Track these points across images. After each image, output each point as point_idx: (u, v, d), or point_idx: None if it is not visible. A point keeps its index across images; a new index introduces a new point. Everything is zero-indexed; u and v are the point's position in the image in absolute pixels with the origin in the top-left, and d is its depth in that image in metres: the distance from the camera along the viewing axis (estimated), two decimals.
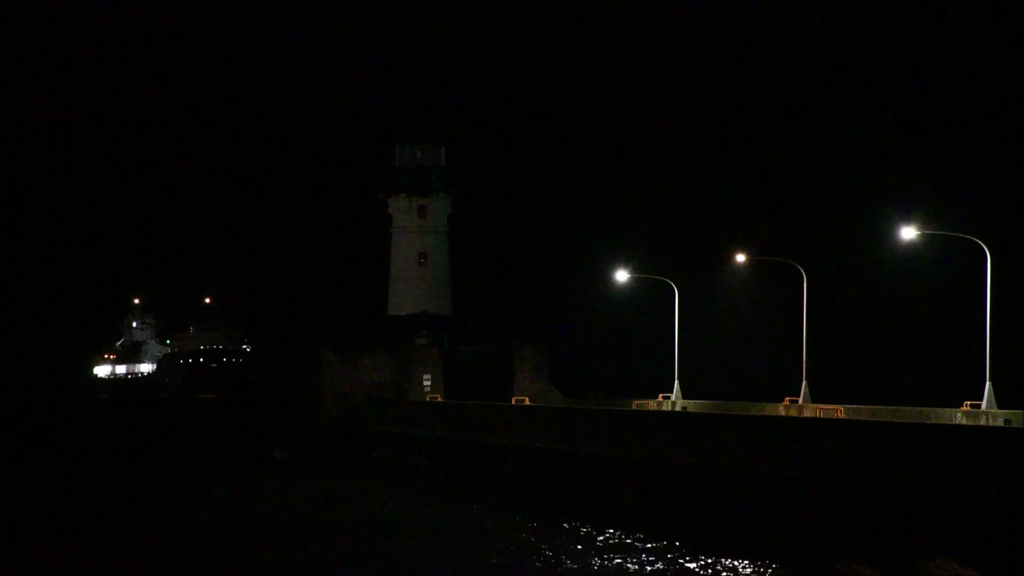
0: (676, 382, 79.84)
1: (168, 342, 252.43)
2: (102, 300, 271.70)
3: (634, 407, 78.58)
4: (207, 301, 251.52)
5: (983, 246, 59.75)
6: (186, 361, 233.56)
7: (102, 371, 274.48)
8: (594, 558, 49.12)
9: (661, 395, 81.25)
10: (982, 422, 56.61)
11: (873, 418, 60.33)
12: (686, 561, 47.99)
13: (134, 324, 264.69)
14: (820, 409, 65.84)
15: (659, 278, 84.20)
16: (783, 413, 68.72)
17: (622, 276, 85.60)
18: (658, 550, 50.39)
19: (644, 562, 48.04)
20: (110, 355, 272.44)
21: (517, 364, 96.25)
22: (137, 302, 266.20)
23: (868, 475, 44.52)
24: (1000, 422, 56.01)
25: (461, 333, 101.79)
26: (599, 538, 54.02)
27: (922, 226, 62.68)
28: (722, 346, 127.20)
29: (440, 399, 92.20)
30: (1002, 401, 58.96)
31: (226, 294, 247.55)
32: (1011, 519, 39.14)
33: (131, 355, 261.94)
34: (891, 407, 64.39)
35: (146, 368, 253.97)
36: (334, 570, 48.43)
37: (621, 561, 48.36)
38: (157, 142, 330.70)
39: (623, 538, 53.79)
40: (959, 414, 59.23)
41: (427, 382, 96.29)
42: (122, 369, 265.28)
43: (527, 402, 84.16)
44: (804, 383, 70.53)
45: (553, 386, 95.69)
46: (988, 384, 58.36)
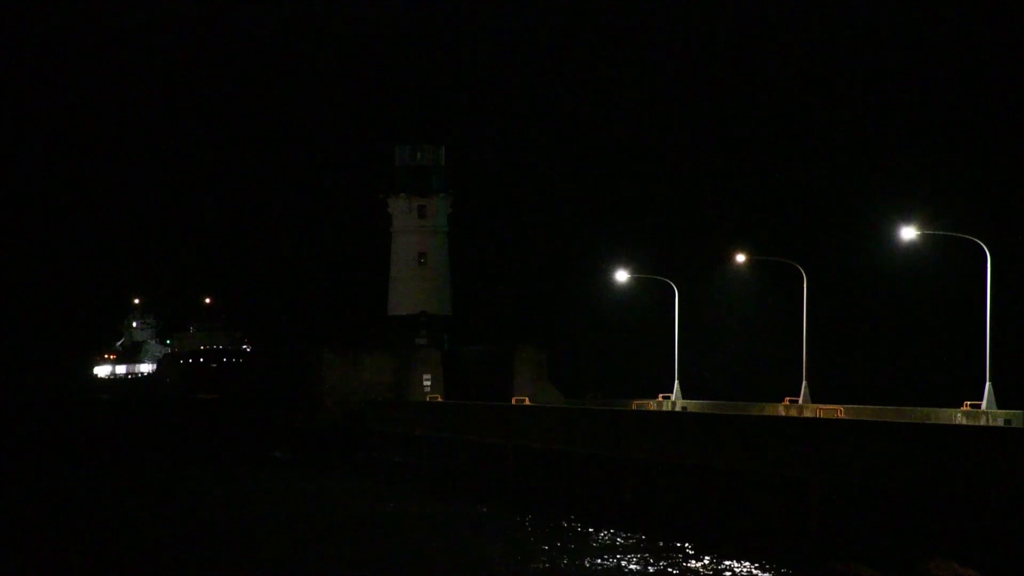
0: (676, 382, 79.83)
1: (168, 342, 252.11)
2: (102, 300, 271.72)
3: (634, 407, 78.57)
4: (207, 301, 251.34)
5: (983, 246, 59.74)
6: (186, 361, 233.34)
7: (102, 371, 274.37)
8: (594, 558, 49.11)
9: (661, 395, 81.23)
10: (982, 422, 56.60)
11: (873, 418, 60.33)
12: (686, 561, 47.99)
13: (134, 324, 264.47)
14: (820, 409, 65.83)
15: (659, 278, 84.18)
16: (783, 413, 68.70)
17: (622, 276, 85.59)
18: (658, 550, 50.38)
19: (644, 562, 48.04)
20: (110, 355, 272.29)
21: (517, 364, 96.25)
22: (137, 302, 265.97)
23: (868, 475, 44.53)
24: (1000, 422, 56.02)
25: (461, 333, 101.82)
26: (599, 538, 54.01)
27: (922, 226, 62.65)
28: (722, 346, 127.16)
29: (440, 399, 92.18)
30: (1002, 401, 58.95)
31: (226, 294, 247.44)
32: (1011, 519, 39.15)
33: (131, 355, 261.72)
34: (891, 407, 64.38)
35: (146, 368, 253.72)
36: (334, 570, 48.42)
37: (621, 561, 48.36)
38: (157, 142, 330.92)
39: (623, 538, 53.78)
40: (959, 414, 59.22)
41: (427, 382, 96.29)
42: (122, 369, 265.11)
43: (527, 402, 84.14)
44: (804, 383, 70.51)
45: (553, 386, 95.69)
46: (988, 384, 58.35)
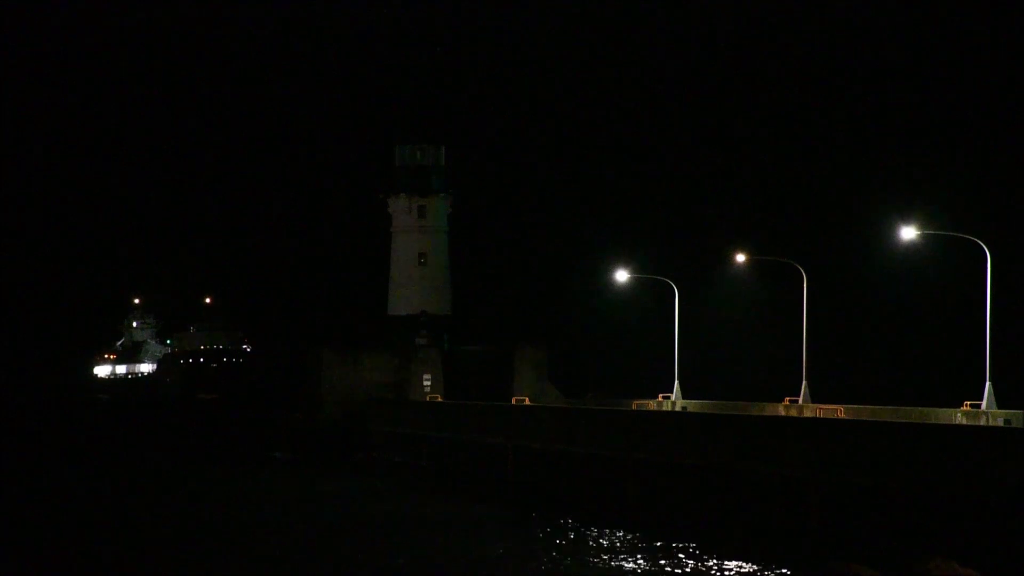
0: (676, 382, 79.83)
1: (168, 342, 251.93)
2: (102, 300, 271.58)
3: (634, 407, 78.58)
4: (207, 301, 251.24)
5: (983, 246, 59.74)
6: (186, 361, 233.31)
7: (102, 371, 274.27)
8: (594, 558, 49.11)
9: (661, 395, 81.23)
10: (982, 422, 56.60)
11: (873, 418, 60.33)
12: (686, 561, 47.99)
13: (134, 324, 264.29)
14: (820, 409, 65.84)
15: (659, 278, 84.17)
16: (783, 413, 68.70)
17: (622, 276, 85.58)
18: (658, 550, 50.39)
19: (644, 562, 48.04)
20: (110, 355, 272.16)
21: (517, 364, 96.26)
22: (137, 302, 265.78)
23: (868, 475, 44.53)
24: (1000, 422, 56.02)
25: (461, 333, 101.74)
26: (599, 538, 54.01)
27: (922, 226, 62.63)
28: (722, 346, 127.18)
29: (440, 399, 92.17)
30: (1002, 401, 58.94)
31: (226, 294, 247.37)
32: (1011, 519, 39.14)
33: (131, 355, 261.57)
34: (891, 407, 64.36)
35: (146, 368, 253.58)
36: (334, 570, 48.43)
37: (621, 561, 48.36)
38: (157, 142, 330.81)
39: (623, 538, 53.78)
40: (959, 414, 59.21)
41: (427, 382, 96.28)
42: (122, 369, 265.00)
43: (527, 402, 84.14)
44: (804, 383, 70.51)
45: (553, 386, 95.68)
46: (988, 384, 58.34)
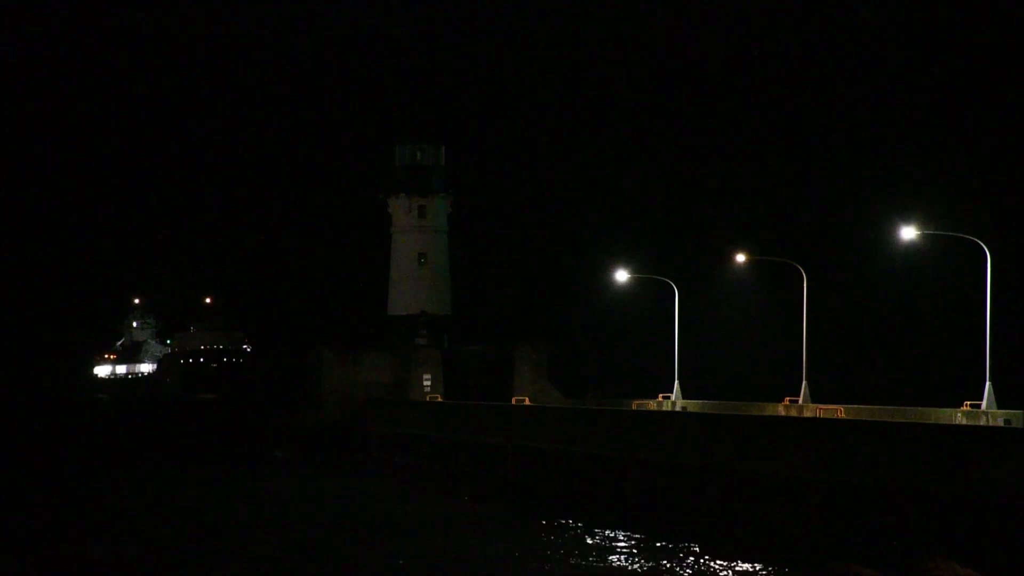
0: (676, 382, 79.80)
1: (168, 342, 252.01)
2: (102, 300, 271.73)
3: (634, 407, 78.56)
4: (207, 301, 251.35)
5: (983, 246, 59.72)
6: (186, 361, 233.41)
7: (102, 371, 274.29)
8: (594, 558, 49.11)
9: (661, 395, 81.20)
10: (982, 422, 56.58)
11: (873, 418, 60.31)
12: (686, 561, 47.99)
13: (134, 324, 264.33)
14: (820, 409, 65.81)
15: (659, 278, 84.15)
16: (783, 413, 68.69)
17: (622, 276, 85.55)
18: (658, 550, 50.38)
19: (644, 562, 48.04)
20: (110, 355, 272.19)
21: (517, 364, 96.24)
22: (137, 302, 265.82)
23: (868, 475, 44.52)
24: (1000, 422, 56.00)
25: (461, 333, 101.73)
26: (599, 538, 54.01)
27: (922, 226, 62.60)
28: (722, 346, 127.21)
29: (440, 399, 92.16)
30: (1002, 401, 58.92)
31: (226, 294, 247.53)
32: (1011, 519, 39.13)
33: (131, 355, 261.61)
34: (891, 407, 64.34)
35: (146, 368, 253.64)
36: (334, 570, 48.44)
37: (621, 561, 48.36)
38: (157, 142, 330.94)
39: (623, 538, 53.79)
40: (959, 414, 59.19)
41: (427, 382, 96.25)
42: (122, 369, 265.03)
43: (527, 402, 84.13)
44: (804, 383, 70.49)
45: (553, 386, 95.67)
46: (988, 384, 58.31)
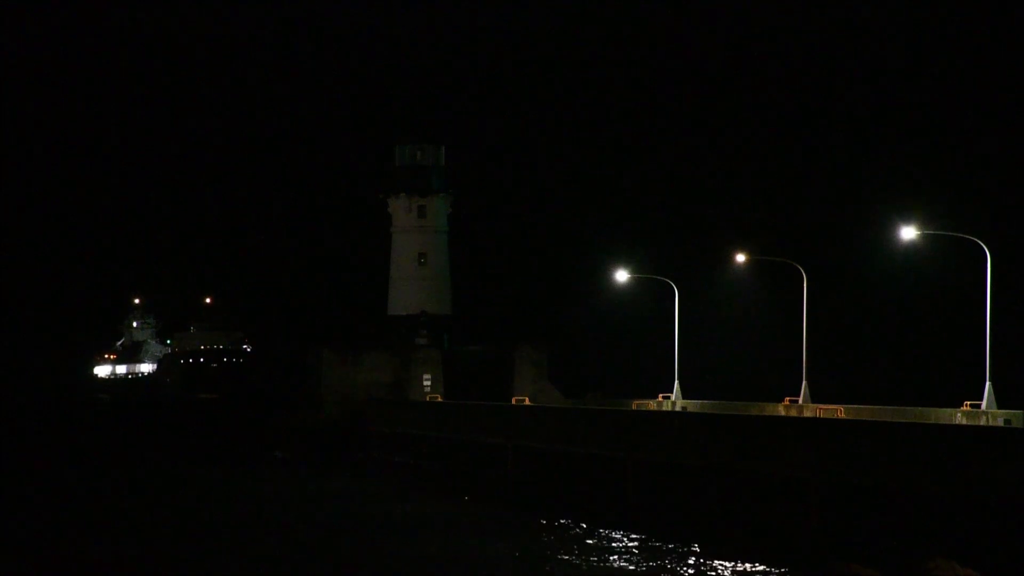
0: (676, 382, 79.79)
1: (168, 342, 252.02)
2: (102, 300, 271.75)
3: (634, 407, 78.55)
4: (207, 301, 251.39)
5: (983, 246, 59.71)
6: (186, 361, 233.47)
7: (102, 371, 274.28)
8: (594, 558, 49.11)
9: (661, 395, 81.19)
10: (982, 422, 56.58)
11: (873, 418, 60.30)
12: (686, 561, 47.99)
13: (134, 324, 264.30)
14: (820, 409, 65.79)
15: (659, 278, 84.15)
16: (783, 413, 68.68)
17: (622, 276, 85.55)
18: (658, 550, 50.39)
19: (644, 562, 48.04)
20: (110, 355, 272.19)
21: (517, 364, 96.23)
22: (137, 302, 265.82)
23: (868, 475, 44.52)
24: (1000, 422, 55.98)
25: (461, 333, 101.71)
26: (599, 538, 54.01)
27: (922, 226, 62.59)
28: (722, 346, 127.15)
29: (440, 399, 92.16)
30: (1002, 401, 58.91)
31: (226, 294, 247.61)
32: (1011, 519, 39.13)
33: (131, 355, 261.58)
34: (891, 407, 64.33)
35: (146, 368, 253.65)
36: (334, 570, 48.44)
37: (621, 561, 48.35)
38: (157, 142, 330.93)
39: (623, 538, 53.79)
40: (959, 414, 59.18)
41: (427, 382, 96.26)
42: (122, 369, 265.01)
43: (527, 402, 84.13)
44: (804, 383, 70.48)
45: (553, 386, 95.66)
46: (988, 384, 58.31)
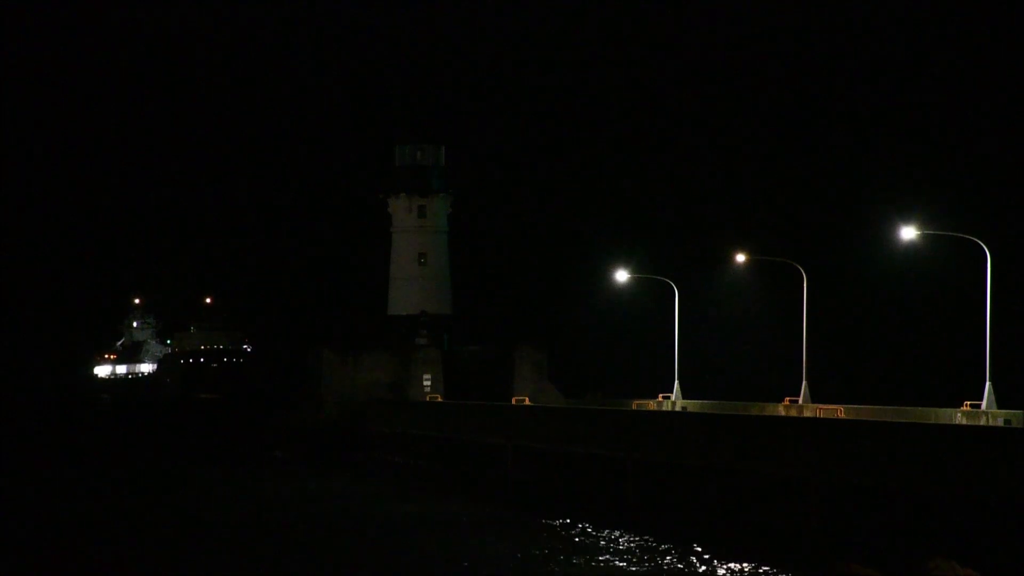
0: (676, 382, 79.80)
1: (168, 342, 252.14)
2: (103, 300, 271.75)
3: (634, 407, 78.55)
4: (207, 301, 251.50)
5: (983, 246, 59.72)
6: (186, 361, 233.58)
7: (103, 371, 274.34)
8: (594, 558, 49.11)
9: (661, 395, 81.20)
10: (982, 422, 56.58)
11: (873, 418, 60.30)
12: (686, 561, 47.98)
13: (134, 324, 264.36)
14: (820, 409, 65.79)
15: (659, 278, 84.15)
16: (783, 413, 68.68)
17: (622, 276, 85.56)
18: (658, 550, 50.38)
19: (644, 562, 48.03)
20: (110, 355, 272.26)
21: (517, 364, 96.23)
22: (137, 302, 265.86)
23: (868, 475, 44.52)
24: (1000, 422, 55.98)
25: (461, 333, 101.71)
26: (599, 538, 54.01)
27: (922, 226, 62.59)
28: (722, 346, 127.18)
29: (440, 399, 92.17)
30: (1002, 401, 58.92)
31: (226, 294, 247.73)
32: (1011, 519, 39.12)
33: (131, 355, 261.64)
34: (891, 407, 64.34)
35: (146, 368, 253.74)
36: (334, 570, 48.44)
37: (621, 561, 48.35)
38: (157, 142, 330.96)
39: (623, 538, 53.78)
40: (959, 414, 59.18)
41: (427, 382, 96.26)
42: (122, 369, 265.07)
43: (527, 402, 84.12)
44: (804, 383, 70.48)
45: (553, 386, 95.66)
46: (988, 384, 58.31)
